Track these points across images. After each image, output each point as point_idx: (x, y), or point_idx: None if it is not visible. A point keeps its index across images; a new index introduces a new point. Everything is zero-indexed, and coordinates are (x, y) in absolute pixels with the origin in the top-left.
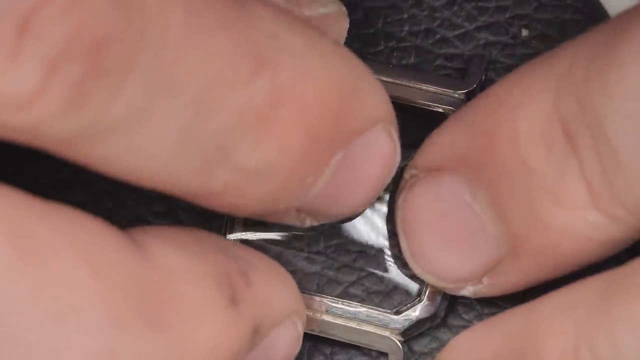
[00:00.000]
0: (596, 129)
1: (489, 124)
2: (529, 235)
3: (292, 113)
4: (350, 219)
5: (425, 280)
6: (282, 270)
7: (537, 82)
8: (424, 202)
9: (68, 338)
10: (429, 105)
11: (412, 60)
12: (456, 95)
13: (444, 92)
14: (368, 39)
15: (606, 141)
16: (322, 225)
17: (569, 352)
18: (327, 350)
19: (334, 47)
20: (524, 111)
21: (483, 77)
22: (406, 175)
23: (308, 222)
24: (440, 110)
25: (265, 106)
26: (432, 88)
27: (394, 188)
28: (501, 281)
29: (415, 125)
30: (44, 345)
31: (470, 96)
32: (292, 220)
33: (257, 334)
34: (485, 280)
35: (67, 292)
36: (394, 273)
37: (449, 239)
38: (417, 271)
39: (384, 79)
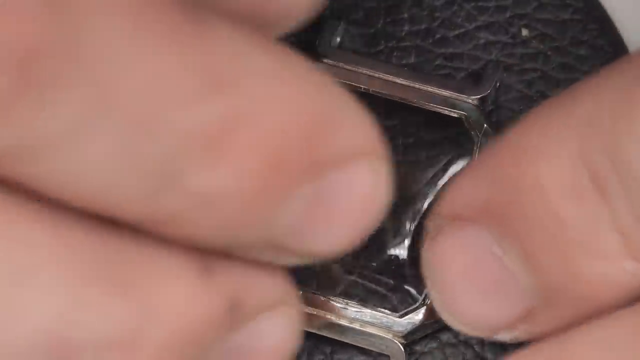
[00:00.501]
0: (626, 175)
1: (512, 175)
2: (564, 286)
3: (250, 137)
4: (332, 260)
5: (459, 330)
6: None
7: (558, 129)
8: (451, 253)
9: (27, 299)
10: (442, 110)
11: (412, 60)
12: (470, 101)
13: (457, 97)
14: (368, 39)
15: (637, 187)
16: None
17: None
18: (327, 350)
19: (307, 72)
20: (548, 161)
21: (497, 83)
22: (430, 223)
23: (282, 261)
24: (454, 115)
25: (219, 129)
26: (445, 92)
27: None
28: (537, 328)
29: (427, 130)
30: (1, 308)
31: (483, 101)
32: (261, 256)
33: (236, 311)
34: (520, 326)
35: (24, 253)
36: (395, 273)
37: (481, 290)
38: (451, 322)
39: (398, 81)
